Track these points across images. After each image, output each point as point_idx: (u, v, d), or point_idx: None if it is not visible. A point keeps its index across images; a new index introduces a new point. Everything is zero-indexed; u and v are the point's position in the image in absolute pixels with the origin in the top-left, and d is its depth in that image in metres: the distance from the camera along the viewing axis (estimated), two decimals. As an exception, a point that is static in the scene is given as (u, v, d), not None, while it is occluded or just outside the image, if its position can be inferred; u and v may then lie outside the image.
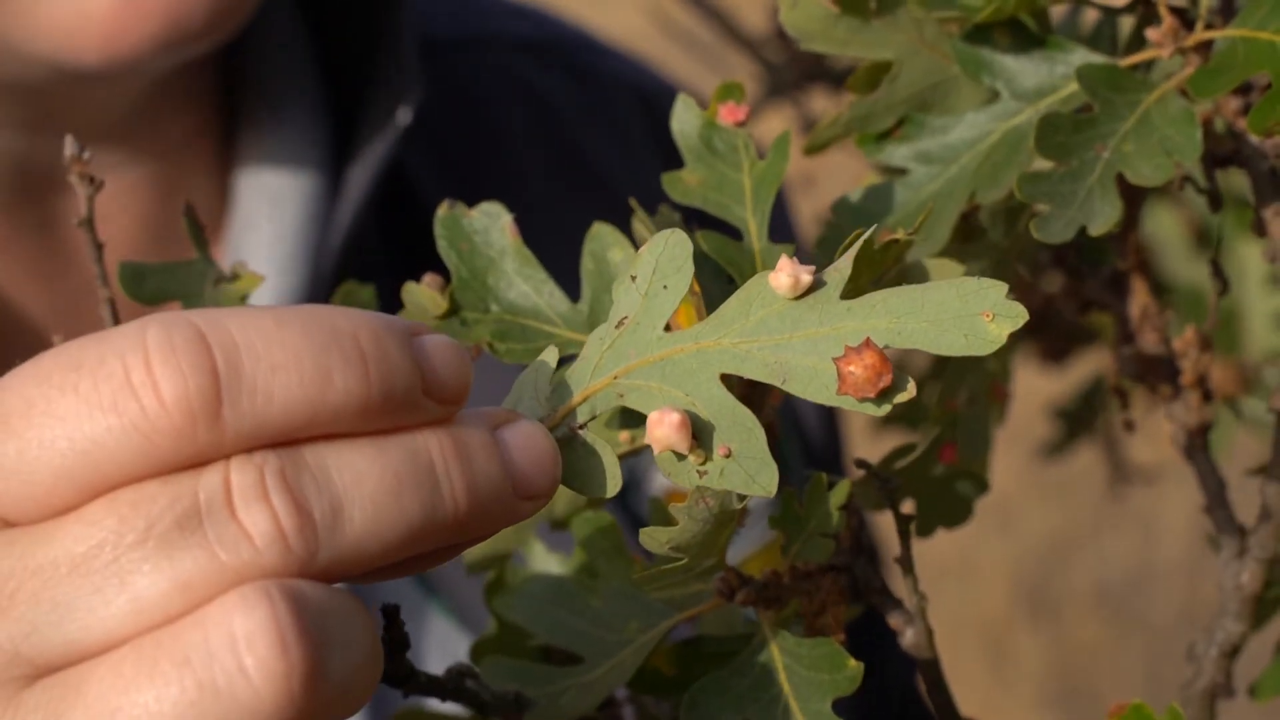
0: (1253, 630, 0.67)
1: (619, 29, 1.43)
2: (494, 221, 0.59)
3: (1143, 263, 0.68)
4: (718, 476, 0.50)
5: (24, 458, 0.45)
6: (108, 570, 0.45)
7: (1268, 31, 0.58)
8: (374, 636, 0.46)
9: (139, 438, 0.45)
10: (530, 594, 0.62)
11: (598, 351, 0.52)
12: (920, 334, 0.49)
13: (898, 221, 0.61)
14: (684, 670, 0.60)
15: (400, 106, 0.90)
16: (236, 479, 0.45)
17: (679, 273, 0.51)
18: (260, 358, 0.46)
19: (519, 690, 0.59)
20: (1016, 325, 0.48)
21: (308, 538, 0.45)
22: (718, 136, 0.61)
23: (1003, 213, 0.62)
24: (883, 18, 0.62)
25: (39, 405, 0.45)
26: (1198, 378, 0.67)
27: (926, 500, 0.66)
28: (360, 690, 0.46)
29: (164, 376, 0.45)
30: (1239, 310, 1.16)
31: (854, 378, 0.49)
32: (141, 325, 0.46)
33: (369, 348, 0.47)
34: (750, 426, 0.50)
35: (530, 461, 0.49)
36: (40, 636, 0.45)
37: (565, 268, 0.60)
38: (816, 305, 0.50)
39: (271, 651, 0.44)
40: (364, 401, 0.46)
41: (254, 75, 0.94)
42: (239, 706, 0.44)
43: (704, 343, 0.51)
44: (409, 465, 0.47)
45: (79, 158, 0.59)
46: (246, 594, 0.44)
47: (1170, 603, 2.80)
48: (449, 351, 0.48)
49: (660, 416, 0.50)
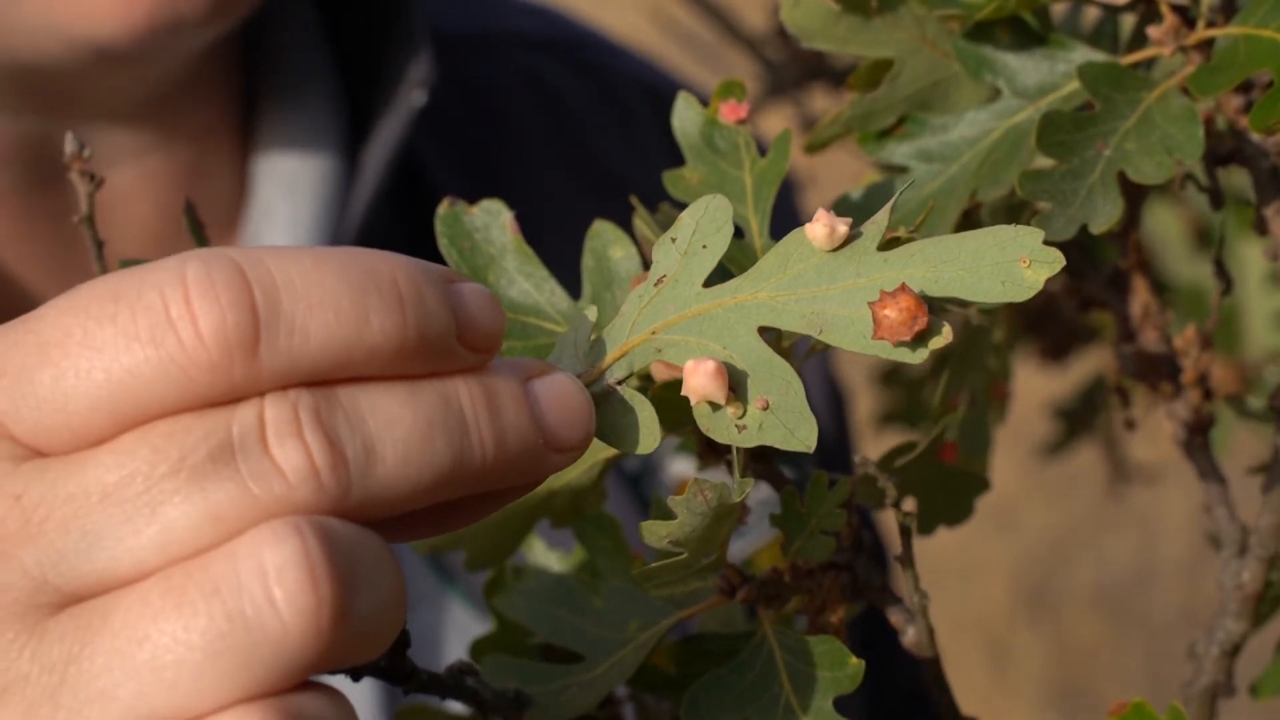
0: (1253, 629, 0.67)
1: (619, 28, 1.43)
2: (494, 219, 0.59)
3: (1143, 261, 0.68)
4: (756, 430, 0.50)
5: (59, 387, 0.45)
6: (139, 500, 0.45)
7: (1269, 29, 0.58)
8: (399, 579, 0.46)
9: (175, 371, 0.45)
10: (531, 592, 0.62)
11: (636, 308, 0.52)
12: (957, 281, 0.49)
13: (899, 220, 0.61)
14: (685, 668, 0.60)
15: (414, 89, 0.91)
16: (271, 414, 0.45)
17: (719, 232, 0.51)
18: (299, 296, 0.46)
19: (519, 688, 0.59)
20: (1054, 270, 0.49)
21: (340, 476, 0.45)
22: (719, 134, 0.61)
23: (1004, 210, 0.62)
24: (884, 15, 0.62)
25: (76, 335, 0.45)
26: (1198, 376, 0.67)
27: (927, 498, 0.65)
28: (383, 632, 0.46)
29: (203, 311, 0.45)
30: (1239, 309, 1.16)
31: (889, 321, 0.49)
32: (181, 260, 0.46)
33: (406, 291, 0.47)
34: (789, 379, 0.50)
35: (561, 413, 0.49)
36: (68, 564, 0.45)
37: (576, 264, 0.60)
38: (854, 257, 0.50)
39: (301, 585, 0.44)
40: (399, 344, 0.46)
41: (271, 64, 0.94)
42: (266, 638, 0.44)
43: (741, 296, 0.51)
44: (440, 411, 0.47)
45: (79, 155, 0.59)
46: (277, 527, 0.44)
47: (1170, 602, 2.80)
48: (484, 300, 0.48)
49: (695, 365, 0.50)
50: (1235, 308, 1.16)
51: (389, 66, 0.92)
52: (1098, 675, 2.75)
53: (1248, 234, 1.13)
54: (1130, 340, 0.68)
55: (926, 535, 0.66)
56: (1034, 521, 2.88)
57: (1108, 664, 2.76)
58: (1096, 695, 2.70)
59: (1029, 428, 1.38)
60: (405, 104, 0.91)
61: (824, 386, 1.09)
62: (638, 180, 0.61)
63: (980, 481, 0.66)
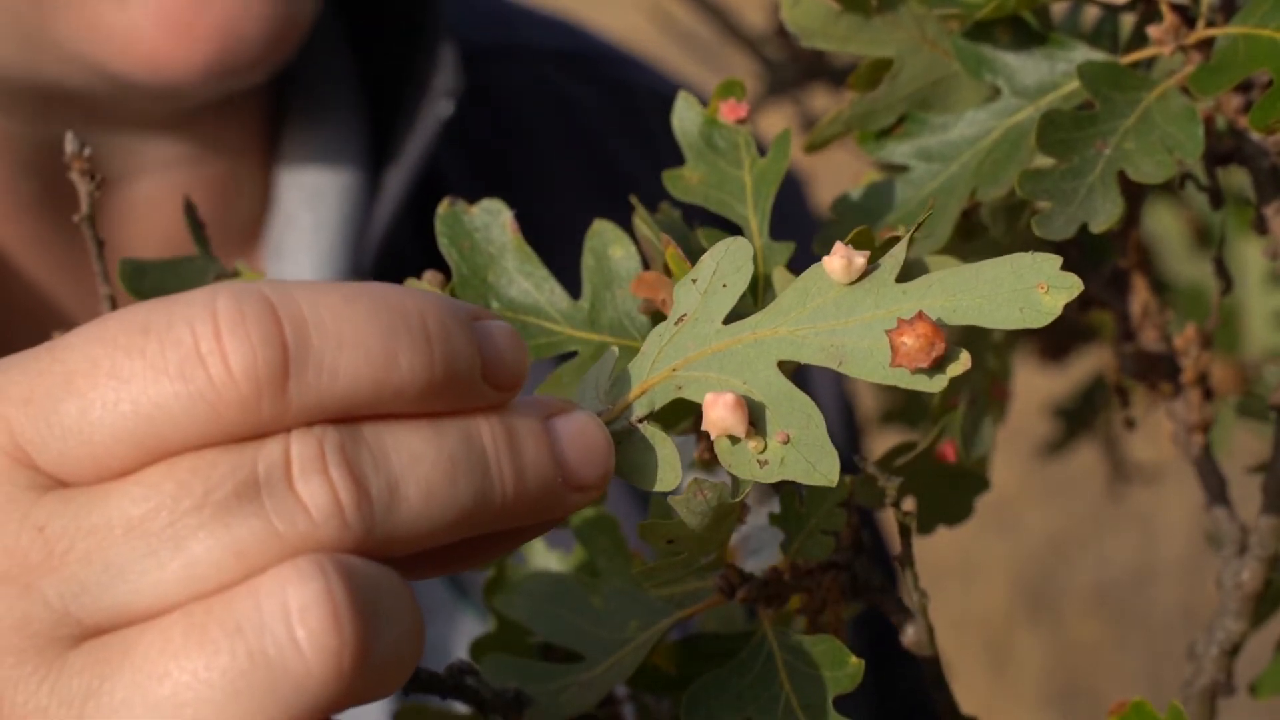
0: (1253, 629, 0.67)
1: (619, 28, 1.43)
2: (494, 219, 0.59)
3: (1143, 260, 0.68)
4: (778, 465, 0.50)
5: (86, 418, 0.45)
6: (163, 534, 0.45)
7: (1269, 29, 0.58)
8: (419, 615, 0.46)
9: (204, 406, 0.45)
10: (530, 591, 0.62)
11: (656, 347, 0.52)
12: (975, 309, 0.49)
13: (899, 219, 0.61)
14: (684, 668, 0.60)
15: (440, 99, 0.90)
16: (297, 451, 0.45)
17: (738, 272, 0.52)
18: (328, 334, 0.45)
19: (519, 688, 0.59)
20: (1072, 296, 0.49)
21: (364, 513, 0.45)
22: (718, 134, 0.61)
23: (1004, 210, 0.62)
24: (884, 15, 0.62)
25: (104, 366, 0.45)
26: (1198, 376, 0.67)
27: (927, 498, 0.65)
28: (403, 668, 0.46)
29: (233, 347, 0.45)
30: (1239, 308, 1.16)
31: (906, 348, 0.49)
32: (211, 293, 0.46)
33: (434, 330, 0.47)
34: (809, 412, 0.50)
35: (581, 452, 0.49)
36: (90, 597, 0.45)
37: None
38: (872, 289, 0.50)
39: (324, 625, 0.44)
40: (427, 383, 0.46)
41: (299, 75, 0.94)
42: (288, 678, 0.44)
43: (761, 332, 0.51)
44: (463, 449, 0.47)
45: (79, 155, 0.59)
46: (301, 565, 0.44)
47: (1170, 602, 2.80)
48: (508, 338, 0.48)
49: (715, 398, 0.50)
50: (1235, 307, 1.16)
51: (415, 76, 0.92)
52: (1098, 675, 2.75)
53: (1248, 234, 1.13)
54: (1130, 340, 0.68)
55: (926, 535, 0.66)
56: (1034, 521, 2.88)
57: (1108, 664, 2.76)
58: (1096, 695, 2.70)
59: (1029, 428, 1.38)
60: (431, 115, 0.91)
61: (836, 402, 1.09)
62: (658, 194, 0.61)
63: (980, 481, 0.66)
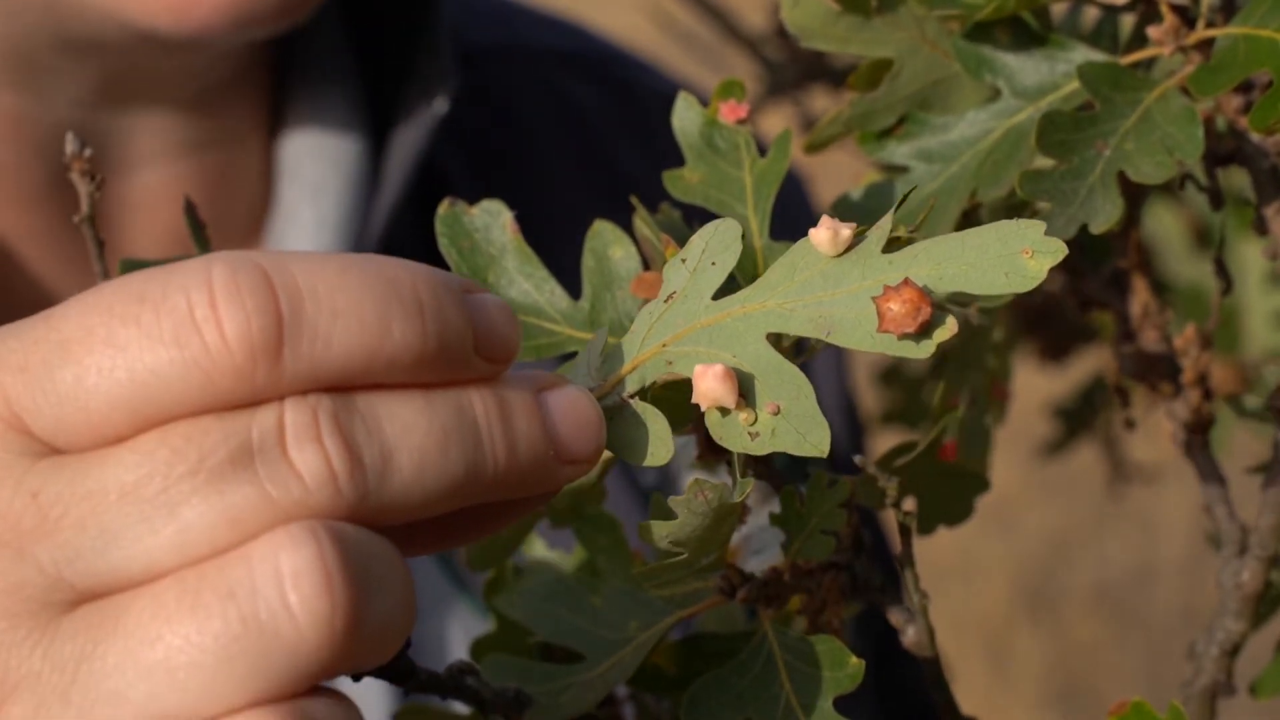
0: (1253, 629, 0.67)
1: (619, 28, 1.43)
2: (494, 219, 0.59)
3: (1143, 261, 0.68)
4: (769, 437, 0.50)
5: (81, 384, 0.45)
6: (156, 500, 0.45)
7: (1269, 29, 0.58)
8: (410, 584, 0.46)
9: (198, 373, 0.45)
10: (531, 591, 0.62)
11: (646, 324, 0.52)
12: (961, 277, 0.50)
13: (899, 219, 0.61)
14: (685, 668, 0.60)
15: (438, 96, 0.91)
16: (290, 419, 0.45)
17: (727, 250, 0.52)
18: (322, 303, 0.46)
19: (519, 687, 0.59)
20: (1056, 259, 0.49)
21: (357, 481, 0.45)
22: (718, 134, 0.61)
23: (1004, 210, 0.62)
24: (884, 15, 0.62)
25: (99, 333, 0.45)
26: (1198, 376, 0.67)
27: (927, 498, 0.66)
28: (394, 637, 0.46)
29: (228, 315, 0.45)
30: (1239, 309, 1.16)
31: (892, 314, 0.49)
32: (206, 262, 0.46)
33: (427, 300, 0.47)
34: (799, 383, 0.50)
35: (572, 426, 0.49)
36: (84, 562, 0.45)
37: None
38: (859, 260, 0.50)
39: (316, 590, 0.44)
40: (419, 353, 0.47)
41: (299, 66, 0.95)
42: (280, 643, 0.44)
43: (750, 306, 0.51)
44: (455, 420, 0.47)
45: (80, 155, 0.59)
46: (294, 532, 0.44)
47: (1170, 602, 2.80)
48: (500, 311, 0.49)
49: (704, 370, 0.50)
50: (1235, 308, 1.16)
51: (413, 78, 0.92)
52: (1098, 675, 2.75)
53: (1248, 234, 1.13)
54: (1130, 340, 0.68)
55: (926, 535, 0.66)
56: (1034, 521, 2.88)
57: (1108, 664, 2.76)
58: (1096, 695, 2.70)
59: (1029, 428, 1.38)
60: (429, 110, 0.91)
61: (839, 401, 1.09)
62: (657, 193, 0.61)
63: (980, 481, 0.66)
